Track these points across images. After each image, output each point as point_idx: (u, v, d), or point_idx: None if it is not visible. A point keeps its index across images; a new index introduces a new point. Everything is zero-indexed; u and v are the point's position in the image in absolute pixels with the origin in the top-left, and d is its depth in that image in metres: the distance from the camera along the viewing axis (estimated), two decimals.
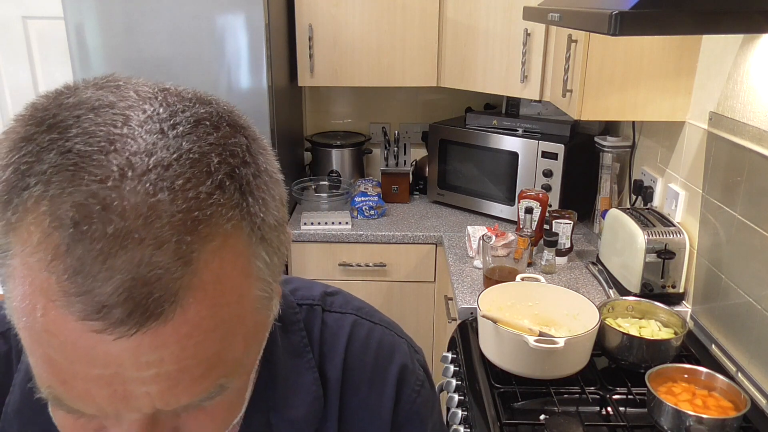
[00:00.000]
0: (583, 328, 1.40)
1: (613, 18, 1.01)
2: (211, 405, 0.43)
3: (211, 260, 0.38)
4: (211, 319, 0.39)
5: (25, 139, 0.38)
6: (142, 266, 0.35)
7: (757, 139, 1.36)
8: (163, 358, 0.38)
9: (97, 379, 0.38)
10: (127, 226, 0.35)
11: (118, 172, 0.36)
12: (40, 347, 0.39)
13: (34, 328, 0.38)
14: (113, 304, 0.35)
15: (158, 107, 0.40)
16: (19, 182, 0.37)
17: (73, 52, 2.10)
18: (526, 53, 2.12)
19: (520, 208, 2.03)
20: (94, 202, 0.35)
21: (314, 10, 2.31)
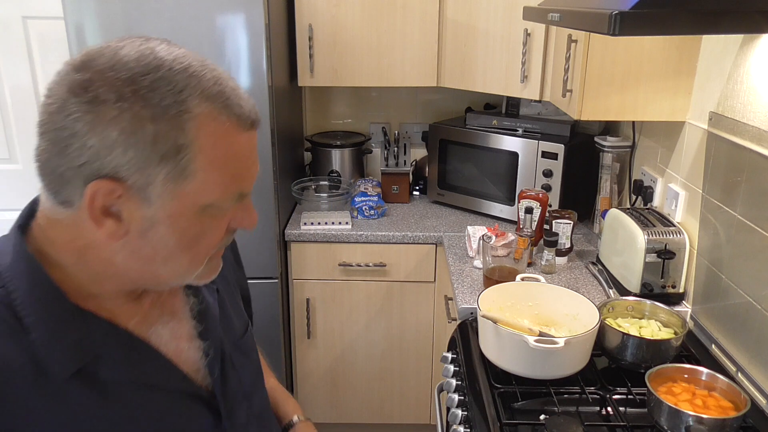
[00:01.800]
0: (583, 328, 1.40)
1: (613, 18, 1.01)
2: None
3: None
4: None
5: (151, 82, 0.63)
6: (246, 96, 0.71)
7: (757, 139, 1.36)
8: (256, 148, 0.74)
9: (253, 163, 0.72)
10: (231, 84, 0.70)
11: (200, 63, 0.69)
12: (231, 167, 0.69)
13: (227, 158, 0.68)
14: (252, 117, 0.70)
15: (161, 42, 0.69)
16: (176, 98, 0.64)
17: (73, 52, 2.10)
18: (526, 53, 2.12)
19: (520, 208, 2.03)
20: (215, 79, 0.68)
21: (314, 10, 2.31)
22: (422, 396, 2.50)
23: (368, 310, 2.38)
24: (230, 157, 0.68)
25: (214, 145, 0.66)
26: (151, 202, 0.65)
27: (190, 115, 0.64)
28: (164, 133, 0.63)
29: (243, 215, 0.75)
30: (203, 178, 0.66)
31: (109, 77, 0.62)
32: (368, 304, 2.37)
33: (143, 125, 0.62)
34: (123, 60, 0.63)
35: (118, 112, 0.61)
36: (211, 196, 0.68)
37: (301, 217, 2.37)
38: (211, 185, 0.67)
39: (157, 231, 0.68)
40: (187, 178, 0.65)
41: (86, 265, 0.71)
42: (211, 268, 0.77)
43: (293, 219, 2.40)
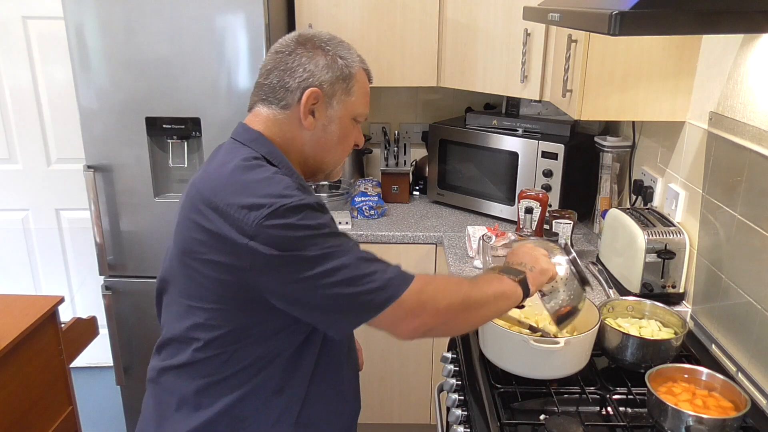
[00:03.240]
0: (583, 328, 1.40)
1: (613, 18, 1.01)
2: None
3: None
4: None
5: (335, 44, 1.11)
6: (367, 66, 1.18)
7: (757, 139, 1.36)
8: None
9: (369, 101, 1.17)
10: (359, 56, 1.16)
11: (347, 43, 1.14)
12: (366, 98, 1.15)
13: (365, 93, 1.14)
14: (371, 75, 1.18)
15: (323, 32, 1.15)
16: (347, 52, 1.12)
17: (73, 52, 2.10)
18: (526, 53, 2.12)
19: (520, 208, 2.03)
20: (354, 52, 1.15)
21: (314, 10, 2.31)
22: (422, 396, 2.50)
23: None
24: (365, 92, 1.14)
25: (361, 83, 1.12)
26: (333, 106, 1.09)
27: (354, 66, 1.11)
28: (344, 68, 1.09)
29: (358, 133, 1.17)
30: (357, 99, 1.11)
31: (318, 38, 1.09)
32: None
33: (336, 61, 1.08)
34: (320, 34, 1.11)
35: (324, 53, 1.08)
36: (359, 110, 1.12)
37: None
38: (360, 103, 1.12)
39: (332, 127, 1.10)
40: (351, 95, 1.10)
41: (293, 150, 1.10)
42: (339, 171, 1.20)
43: None
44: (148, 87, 2.11)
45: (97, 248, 2.27)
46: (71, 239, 2.91)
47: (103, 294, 2.31)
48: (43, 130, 2.74)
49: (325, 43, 1.08)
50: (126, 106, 2.13)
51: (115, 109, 2.14)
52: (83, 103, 2.14)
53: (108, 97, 2.13)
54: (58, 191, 2.82)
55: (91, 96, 2.14)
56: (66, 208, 2.85)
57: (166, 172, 2.26)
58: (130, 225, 2.26)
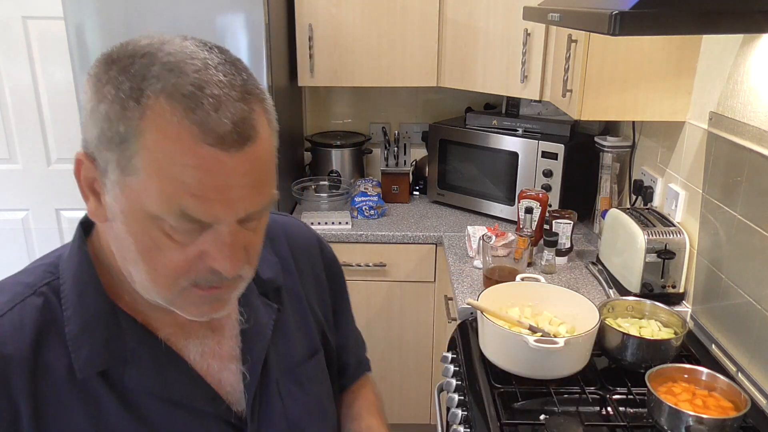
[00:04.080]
0: (583, 328, 1.40)
1: (613, 18, 1.01)
2: (258, 227, 0.68)
3: (259, 112, 0.63)
4: (267, 145, 0.64)
5: (127, 65, 0.61)
6: (236, 112, 0.60)
7: (757, 139, 1.36)
8: (252, 169, 0.62)
9: (216, 188, 0.60)
10: (223, 92, 0.60)
11: (203, 66, 0.61)
12: (176, 178, 0.59)
13: (172, 165, 0.59)
14: (227, 134, 0.59)
15: (193, 41, 0.64)
16: (140, 85, 0.59)
17: (73, 52, 2.10)
18: (526, 53, 2.12)
19: (520, 208, 2.03)
20: (200, 81, 0.59)
21: (314, 10, 2.31)
22: (422, 396, 2.50)
23: (368, 310, 2.38)
24: (177, 167, 0.58)
25: (160, 146, 0.59)
26: (108, 189, 0.63)
27: (142, 106, 0.59)
28: (114, 117, 0.60)
29: (213, 250, 0.63)
30: (146, 180, 0.60)
31: (105, 58, 0.64)
32: (368, 304, 2.37)
33: (101, 103, 0.61)
34: (130, 45, 0.63)
35: (94, 89, 0.63)
36: (153, 203, 0.60)
37: (301, 217, 2.37)
38: (152, 190, 0.60)
39: (117, 226, 0.65)
40: (131, 173, 0.60)
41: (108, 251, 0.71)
42: (195, 303, 0.68)
43: None
44: None
45: None
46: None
47: None
48: (43, 130, 2.74)
49: (110, 63, 0.63)
50: None
51: None
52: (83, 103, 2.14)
53: None
54: (58, 191, 2.81)
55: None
56: (66, 208, 2.84)
57: None
58: None
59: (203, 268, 0.64)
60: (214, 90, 0.59)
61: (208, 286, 0.66)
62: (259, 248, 0.70)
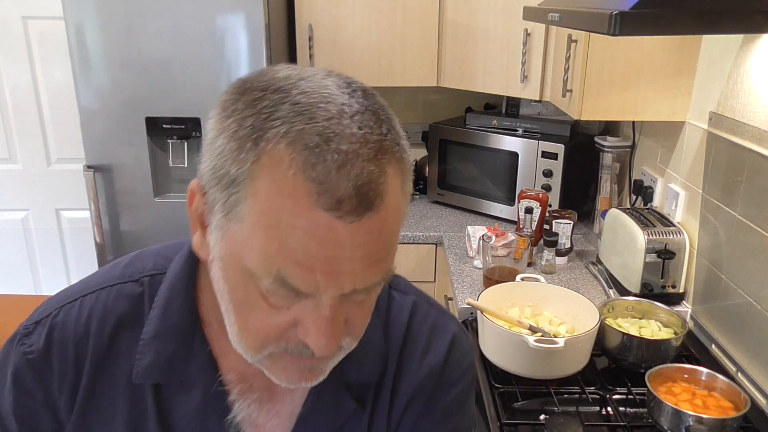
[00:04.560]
0: (583, 328, 1.40)
1: (613, 18, 1.01)
2: (367, 300, 0.59)
3: (393, 174, 0.54)
4: (395, 216, 0.54)
5: (256, 99, 0.53)
6: (363, 173, 0.51)
7: (757, 139, 1.36)
8: (369, 241, 0.52)
9: (323, 259, 0.51)
10: (351, 148, 0.51)
11: (338, 114, 0.52)
12: (281, 239, 0.51)
13: (279, 223, 0.51)
14: (347, 198, 0.50)
15: (336, 80, 0.56)
16: (263, 125, 0.52)
17: (73, 52, 2.10)
18: (526, 53, 2.12)
19: (520, 208, 2.03)
20: (330, 131, 0.51)
21: (314, 10, 2.31)
22: None
23: None
24: (284, 225, 0.51)
25: (269, 198, 0.51)
26: (212, 229, 0.57)
27: (260, 149, 0.51)
28: (229, 154, 0.53)
29: (308, 325, 0.55)
30: (249, 231, 0.52)
31: (238, 85, 0.57)
32: None
33: (220, 136, 0.54)
34: (267, 76, 0.56)
35: (217, 119, 0.56)
36: (251, 258, 0.53)
37: None
38: (253, 244, 0.52)
39: (216, 268, 0.58)
40: (235, 220, 0.53)
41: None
42: (285, 369, 0.60)
43: None
44: (148, 87, 2.11)
45: (97, 248, 2.27)
46: (71, 239, 2.91)
47: None
48: (43, 130, 2.74)
49: (239, 95, 0.56)
50: (126, 106, 2.13)
51: (115, 109, 2.13)
52: (83, 103, 2.14)
53: (108, 97, 2.13)
54: (58, 191, 2.81)
55: (91, 96, 2.14)
56: (66, 208, 2.84)
57: (166, 173, 2.26)
58: (130, 225, 2.26)
59: (295, 337, 0.57)
60: (342, 145, 0.51)
61: (302, 357, 0.58)
62: (365, 321, 0.61)
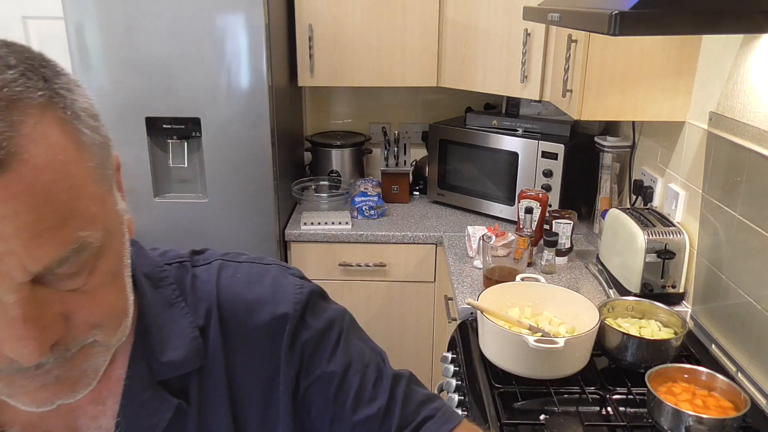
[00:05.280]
0: (583, 328, 1.40)
1: (613, 18, 1.01)
2: (91, 285, 0.47)
3: (35, 123, 0.43)
4: (51, 170, 0.43)
5: None
6: None
7: (757, 139, 1.36)
8: (17, 209, 0.41)
9: None
10: None
11: None
12: None
13: None
14: None
15: None
16: None
17: (73, 52, 2.10)
18: (526, 53, 2.12)
19: (520, 208, 2.03)
20: None
21: (314, 10, 2.31)
22: None
23: (368, 310, 2.38)
24: None
25: None
26: None
27: None
28: None
29: (4, 333, 0.44)
30: None
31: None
32: (368, 304, 2.37)
33: None
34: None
35: None
36: None
37: (301, 217, 2.37)
38: None
39: None
40: None
41: None
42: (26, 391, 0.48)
43: (293, 219, 2.40)
44: (148, 87, 2.11)
45: None
46: None
47: None
48: None
49: None
50: (126, 106, 2.13)
51: (115, 109, 2.13)
52: None
53: (108, 97, 2.13)
54: None
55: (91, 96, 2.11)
56: None
57: (166, 172, 2.26)
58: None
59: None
60: None
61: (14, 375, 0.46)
62: (109, 308, 0.50)
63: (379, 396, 0.69)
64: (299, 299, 0.66)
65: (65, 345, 0.47)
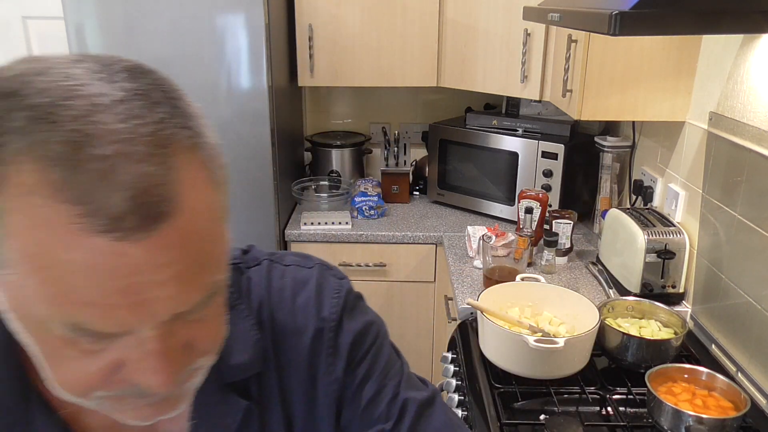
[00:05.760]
0: (583, 328, 1.40)
1: (613, 18, 1.01)
2: (209, 315, 0.49)
3: (186, 168, 0.43)
4: (202, 219, 0.44)
5: None
6: (137, 178, 0.40)
7: (757, 139, 1.36)
8: (174, 257, 0.42)
9: (120, 291, 0.41)
10: (115, 149, 0.40)
11: (89, 109, 0.40)
12: (58, 280, 0.41)
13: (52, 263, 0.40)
14: (124, 213, 0.39)
15: (90, 65, 0.44)
16: None
17: (73, 52, 2.10)
18: (526, 53, 2.12)
19: (520, 208, 2.03)
20: (77, 135, 0.39)
21: (314, 10, 2.31)
22: None
23: None
24: (58, 262, 0.40)
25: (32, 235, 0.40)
26: None
27: (2, 172, 0.40)
28: None
29: (132, 362, 0.46)
30: (21, 276, 0.41)
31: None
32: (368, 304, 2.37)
33: None
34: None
35: None
36: (36, 306, 0.42)
37: (301, 217, 2.37)
38: (29, 291, 0.42)
39: (10, 320, 0.46)
40: (5, 266, 0.42)
41: None
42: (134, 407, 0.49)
43: (293, 219, 2.40)
44: None
45: None
46: None
47: None
48: None
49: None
50: None
51: None
52: None
53: None
54: None
55: None
56: None
57: None
58: None
59: (126, 380, 0.46)
60: (100, 148, 0.40)
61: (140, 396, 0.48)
62: (217, 333, 0.52)
63: (391, 416, 0.69)
64: (338, 302, 0.69)
65: (184, 372, 0.49)
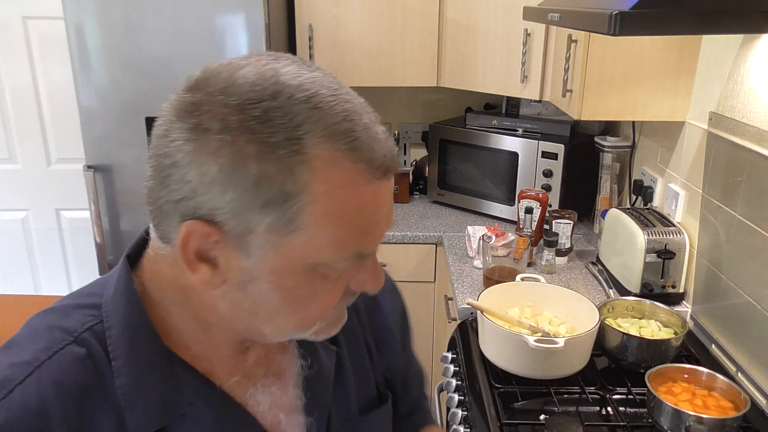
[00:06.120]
0: (583, 328, 1.40)
1: (613, 18, 1.01)
2: None
3: None
4: None
5: (267, 113, 0.52)
6: (385, 136, 0.59)
7: (757, 139, 1.36)
8: (391, 194, 0.60)
9: (379, 220, 0.58)
10: (365, 117, 0.57)
11: (332, 91, 0.56)
12: (350, 222, 0.56)
13: (347, 212, 0.55)
14: (388, 163, 0.57)
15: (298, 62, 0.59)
16: (293, 134, 0.52)
17: (73, 52, 2.10)
18: (526, 53, 2.12)
19: (520, 208, 2.03)
20: (345, 111, 0.55)
21: (314, 10, 2.31)
22: None
23: None
24: (351, 211, 0.55)
25: (331, 196, 0.54)
26: (251, 253, 0.55)
27: (305, 156, 0.52)
28: (270, 176, 0.52)
29: (365, 277, 0.62)
30: (314, 233, 0.54)
31: (218, 101, 0.53)
32: None
33: (246, 163, 0.52)
34: (238, 81, 0.53)
35: (219, 145, 0.52)
36: (323, 254, 0.56)
37: None
38: (322, 242, 0.55)
39: (258, 286, 0.57)
40: (294, 231, 0.54)
41: (190, 308, 0.62)
42: (331, 323, 0.65)
43: None
44: (148, 87, 2.11)
45: (97, 248, 2.27)
46: (71, 239, 2.91)
47: None
48: (43, 130, 2.74)
49: (234, 110, 0.53)
50: (126, 106, 2.13)
51: (115, 109, 2.13)
52: (83, 103, 2.14)
53: (108, 97, 2.13)
54: (58, 191, 2.81)
55: (91, 96, 2.14)
56: (66, 208, 2.84)
57: None
58: (130, 225, 2.26)
59: (347, 296, 0.63)
60: (362, 118, 0.57)
61: (344, 307, 0.65)
62: None
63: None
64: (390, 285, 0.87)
65: None
